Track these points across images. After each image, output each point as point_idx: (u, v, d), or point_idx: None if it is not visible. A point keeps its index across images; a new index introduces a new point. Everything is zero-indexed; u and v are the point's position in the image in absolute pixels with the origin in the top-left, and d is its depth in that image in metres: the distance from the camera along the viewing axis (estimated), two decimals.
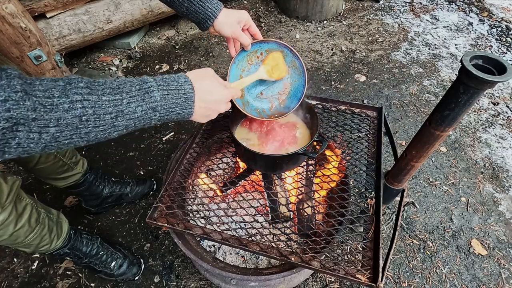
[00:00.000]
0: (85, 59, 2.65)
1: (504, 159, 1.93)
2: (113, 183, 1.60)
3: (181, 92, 0.64)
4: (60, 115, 0.49)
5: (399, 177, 1.06)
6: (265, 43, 1.01)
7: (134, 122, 0.59)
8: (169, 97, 0.62)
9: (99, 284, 1.42)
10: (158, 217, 0.98)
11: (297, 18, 3.13)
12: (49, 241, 1.16)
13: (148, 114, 0.60)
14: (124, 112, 0.56)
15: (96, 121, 0.53)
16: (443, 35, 2.93)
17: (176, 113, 0.65)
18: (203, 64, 2.63)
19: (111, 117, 0.55)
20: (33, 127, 0.47)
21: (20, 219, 1.02)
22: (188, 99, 0.65)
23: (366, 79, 2.48)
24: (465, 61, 0.67)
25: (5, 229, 0.98)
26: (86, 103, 0.52)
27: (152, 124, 0.63)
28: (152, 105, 0.60)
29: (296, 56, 1.02)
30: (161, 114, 0.62)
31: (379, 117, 1.25)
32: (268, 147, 1.06)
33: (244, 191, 1.19)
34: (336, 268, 0.86)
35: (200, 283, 1.42)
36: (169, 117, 0.64)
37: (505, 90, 2.42)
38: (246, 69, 1.05)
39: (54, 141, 0.50)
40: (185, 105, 0.65)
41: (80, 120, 0.51)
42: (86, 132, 0.53)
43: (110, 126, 0.55)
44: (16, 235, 1.02)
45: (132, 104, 0.57)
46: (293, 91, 1.08)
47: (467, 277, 1.45)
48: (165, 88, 0.62)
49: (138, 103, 0.58)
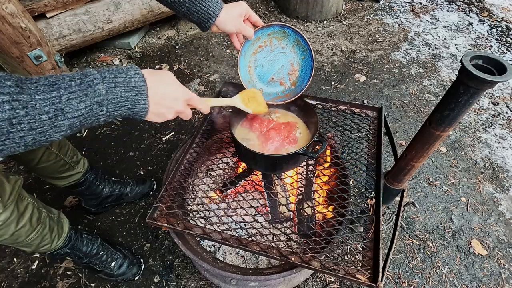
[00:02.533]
0: (85, 59, 2.65)
1: (504, 159, 1.93)
2: (113, 183, 1.60)
3: (130, 84, 0.58)
4: None
5: (399, 177, 1.06)
6: (266, 28, 1.03)
7: (78, 121, 0.53)
8: (117, 90, 0.56)
9: (99, 284, 1.42)
10: (158, 217, 0.98)
11: (297, 18, 3.13)
12: (49, 240, 1.17)
13: (94, 110, 0.54)
14: (64, 110, 0.50)
15: (31, 123, 0.47)
16: (443, 35, 2.93)
17: (127, 108, 0.59)
18: (203, 64, 2.63)
19: (49, 117, 0.49)
20: None
21: (21, 218, 1.02)
22: (140, 93, 0.59)
23: (366, 79, 2.48)
24: (465, 61, 0.67)
25: (6, 228, 0.98)
26: (16, 104, 0.46)
27: (101, 121, 0.57)
28: (97, 100, 0.54)
29: (299, 34, 1.04)
30: (109, 109, 0.56)
31: (379, 117, 1.25)
32: (268, 147, 1.06)
33: (244, 191, 1.19)
34: (336, 268, 0.86)
35: (200, 283, 1.42)
36: (119, 112, 0.58)
37: (505, 90, 2.42)
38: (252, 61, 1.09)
39: None
40: (137, 99, 0.59)
41: (11, 123, 0.45)
42: (20, 136, 0.47)
43: (49, 127, 0.50)
44: (17, 235, 1.02)
45: (73, 100, 0.51)
46: (302, 69, 1.11)
47: (467, 277, 1.45)
48: (111, 81, 0.56)
49: (81, 98, 0.52)
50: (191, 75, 2.54)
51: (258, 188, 1.20)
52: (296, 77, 1.12)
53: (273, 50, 1.09)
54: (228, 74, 2.53)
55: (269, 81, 1.13)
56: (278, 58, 1.10)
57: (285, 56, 1.10)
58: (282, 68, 1.12)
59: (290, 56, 1.10)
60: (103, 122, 0.58)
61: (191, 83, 2.46)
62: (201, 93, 2.37)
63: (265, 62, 1.11)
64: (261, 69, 1.12)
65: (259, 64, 1.11)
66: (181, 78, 2.51)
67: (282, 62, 1.11)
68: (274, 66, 1.11)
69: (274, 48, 1.09)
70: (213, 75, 2.53)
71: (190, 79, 2.50)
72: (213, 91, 2.38)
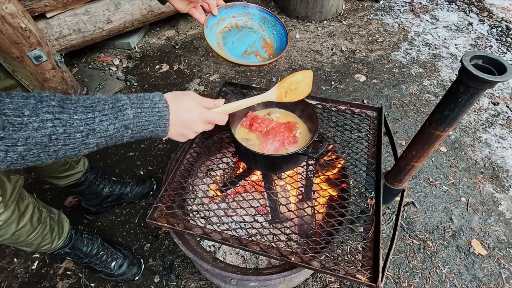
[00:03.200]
0: (85, 59, 2.65)
1: (504, 159, 1.93)
2: (113, 183, 1.60)
3: (154, 110, 0.64)
4: (29, 134, 0.48)
5: (399, 177, 1.06)
6: (229, 8, 1.01)
7: (105, 140, 0.58)
8: (142, 115, 0.62)
9: (99, 284, 1.42)
10: (158, 217, 0.98)
11: (297, 18, 3.13)
12: (50, 240, 1.17)
13: (120, 131, 0.60)
14: (95, 130, 0.56)
15: (66, 139, 0.53)
16: (443, 35, 2.93)
17: (149, 130, 0.64)
18: (203, 64, 2.63)
19: (82, 136, 0.54)
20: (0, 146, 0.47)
21: (22, 218, 1.02)
22: (162, 117, 0.65)
23: (366, 79, 2.48)
24: (465, 61, 0.67)
25: (7, 228, 0.98)
26: (57, 122, 0.51)
27: (124, 141, 0.63)
28: (124, 123, 0.59)
29: (264, 11, 1.03)
30: (133, 132, 0.62)
31: (379, 117, 1.25)
32: (268, 147, 1.06)
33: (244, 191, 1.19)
34: (336, 268, 0.86)
35: (200, 283, 1.42)
36: (142, 134, 0.64)
37: (505, 90, 2.42)
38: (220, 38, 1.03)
39: (20, 159, 0.50)
40: (158, 123, 0.65)
41: (50, 138, 0.51)
42: (54, 150, 0.52)
43: (80, 144, 0.55)
44: (18, 234, 1.02)
45: (104, 122, 0.57)
46: (277, 42, 1.07)
47: (467, 277, 1.45)
48: (138, 106, 0.62)
49: (111, 121, 0.58)
50: (191, 75, 2.54)
51: (258, 188, 1.20)
52: (272, 49, 1.06)
53: (241, 30, 1.05)
54: (228, 74, 2.53)
55: (244, 54, 1.06)
56: (248, 36, 1.06)
57: (254, 33, 1.07)
58: (254, 43, 1.06)
59: (260, 33, 1.06)
60: (125, 142, 0.64)
61: (191, 83, 2.46)
62: (201, 93, 2.37)
63: (235, 39, 1.05)
64: (231, 45, 1.05)
65: (228, 41, 1.05)
66: (181, 78, 2.51)
67: (253, 38, 1.06)
68: (246, 42, 1.06)
69: (241, 29, 1.05)
70: (213, 75, 2.53)
71: (190, 79, 2.50)
72: (213, 91, 2.38)
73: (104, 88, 2.37)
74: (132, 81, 2.45)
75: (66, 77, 2.13)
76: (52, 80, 2.03)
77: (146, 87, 2.42)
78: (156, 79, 2.50)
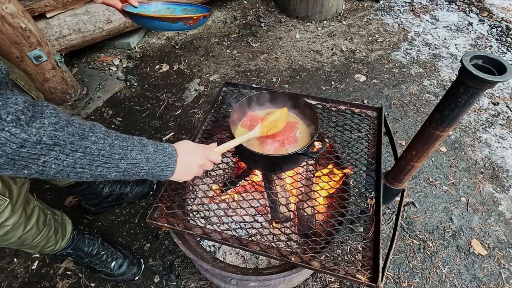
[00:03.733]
0: (85, 59, 2.65)
1: (504, 159, 1.93)
2: (113, 183, 1.60)
3: (166, 152, 0.77)
4: (88, 144, 0.59)
5: (399, 177, 1.06)
6: (148, 4, 1.01)
7: (131, 167, 0.68)
8: (158, 154, 0.74)
9: (99, 284, 1.42)
10: (158, 217, 0.98)
11: (297, 18, 3.13)
12: (54, 242, 1.17)
13: (143, 162, 0.70)
14: (127, 156, 0.66)
15: (108, 157, 0.63)
16: (443, 35, 2.93)
17: (161, 169, 0.75)
18: (203, 64, 2.63)
19: (118, 158, 0.65)
20: (66, 149, 0.55)
21: (28, 221, 1.03)
22: (172, 158, 0.78)
23: (366, 79, 2.48)
24: (465, 61, 0.67)
25: (14, 232, 0.98)
26: (106, 141, 0.63)
27: (139, 175, 0.72)
28: (147, 156, 0.71)
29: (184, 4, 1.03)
30: (150, 166, 0.72)
31: (379, 117, 1.25)
32: (268, 147, 1.06)
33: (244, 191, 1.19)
34: (336, 268, 0.86)
35: (200, 283, 1.42)
36: (155, 171, 0.74)
37: (505, 90, 2.42)
38: None
39: (71, 167, 0.58)
40: (168, 163, 0.77)
41: (99, 153, 0.61)
42: (97, 165, 0.62)
43: (114, 165, 0.65)
44: (24, 238, 1.02)
45: (134, 151, 0.68)
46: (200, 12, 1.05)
47: (467, 277, 1.45)
48: (155, 146, 0.75)
49: (138, 151, 0.69)
50: (191, 75, 2.54)
51: (258, 188, 1.20)
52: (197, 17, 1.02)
53: None
54: (228, 74, 2.53)
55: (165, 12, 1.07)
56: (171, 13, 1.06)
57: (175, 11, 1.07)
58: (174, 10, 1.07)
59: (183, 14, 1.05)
60: (138, 177, 0.73)
61: (191, 83, 2.46)
62: (201, 93, 2.37)
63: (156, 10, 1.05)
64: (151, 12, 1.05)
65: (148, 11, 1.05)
66: (181, 78, 2.51)
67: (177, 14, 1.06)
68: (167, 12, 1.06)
69: None
70: (213, 75, 2.53)
71: (190, 79, 2.50)
72: (213, 91, 2.38)
73: (104, 88, 2.37)
74: (132, 81, 2.45)
75: (66, 77, 2.13)
76: (52, 80, 2.03)
77: (146, 87, 2.42)
78: (156, 79, 2.50)
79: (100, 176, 0.64)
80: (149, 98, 2.33)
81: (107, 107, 2.24)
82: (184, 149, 0.83)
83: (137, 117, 2.18)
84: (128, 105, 2.27)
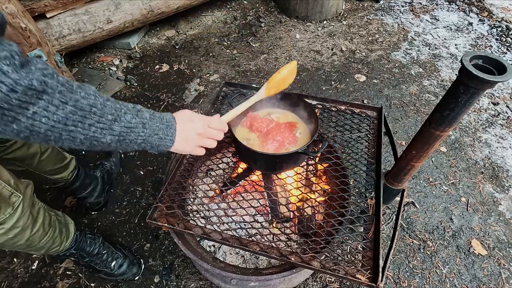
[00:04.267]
0: (85, 59, 2.65)
1: (504, 159, 1.93)
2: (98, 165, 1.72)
3: (164, 120, 0.74)
4: (78, 98, 0.57)
5: (399, 177, 1.06)
6: None
7: (126, 132, 0.65)
8: (154, 121, 0.71)
9: (99, 284, 1.42)
10: (158, 217, 0.98)
11: (297, 18, 3.13)
12: (59, 243, 1.18)
13: (139, 127, 0.67)
14: (121, 118, 0.63)
15: (100, 116, 0.60)
16: (443, 35, 2.93)
17: (158, 137, 0.72)
18: (203, 64, 2.63)
19: (112, 118, 0.62)
20: (55, 99, 0.53)
21: (35, 223, 1.03)
22: (170, 127, 0.74)
23: (366, 79, 2.48)
24: (465, 61, 0.67)
25: (22, 234, 0.98)
26: (97, 100, 0.60)
27: (137, 144, 0.69)
28: (142, 121, 0.68)
29: None
30: (147, 133, 0.69)
31: (379, 117, 1.25)
32: (268, 147, 1.06)
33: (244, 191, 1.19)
34: (336, 268, 0.86)
35: (200, 283, 1.42)
36: (153, 139, 0.71)
37: (505, 90, 2.42)
38: None
39: (63, 123, 0.55)
40: (166, 131, 0.73)
41: (91, 109, 0.58)
42: (90, 124, 0.58)
43: (108, 127, 0.61)
44: (31, 240, 1.02)
45: (128, 114, 0.65)
46: None
47: (467, 277, 1.45)
48: (151, 113, 0.72)
49: (133, 115, 0.66)
50: (191, 75, 2.54)
51: (258, 188, 1.20)
52: None
53: None
54: (228, 74, 2.53)
55: None
56: None
57: None
58: None
59: None
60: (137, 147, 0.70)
61: (191, 83, 2.46)
62: (201, 93, 2.37)
63: None
64: None
65: None
66: (181, 78, 2.51)
67: None
68: None
69: None
70: (213, 75, 2.53)
71: (190, 79, 2.50)
72: (213, 91, 2.38)
73: (104, 88, 2.36)
74: (132, 81, 2.45)
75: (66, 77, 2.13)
76: None
77: (146, 87, 2.42)
78: (156, 79, 2.50)
79: (95, 139, 0.61)
80: (149, 98, 2.33)
81: None
82: (183, 117, 0.79)
83: None
84: None
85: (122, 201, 1.72)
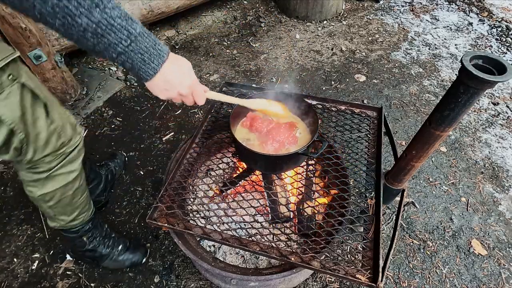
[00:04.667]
0: (85, 59, 2.65)
1: (504, 159, 1.93)
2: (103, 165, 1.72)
3: (157, 46, 0.64)
4: None
5: (399, 177, 1.06)
6: None
7: (106, 26, 0.56)
8: (145, 40, 0.62)
9: (99, 284, 1.42)
10: (158, 217, 0.98)
11: (297, 18, 3.13)
12: (88, 207, 1.23)
13: (122, 32, 0.58)
14: (105, 9, 0.55)
15: None
16: (443, 35, 2.93)
17: (142, 59, 0.63)
18: (203, 64, 2.63)
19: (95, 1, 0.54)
20: None
21: (82, 174, 1.09)
22: (160, 56, 0.65)
23: (366, 79, 2.48)
24: (465, 61, 0.67)
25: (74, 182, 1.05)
26: None
27: (116, 52, 0.60)
28: (130, 29, 0.59)
29: None
30: (130, 46, 0.60)
31: (379, 117, 1.25)
32: (268, 147, 1.06)
33: (244, 191, 1.19)
34: (336, 268, 0.86)
35: (200, 283, 1.42)
36: (135, 58, 0.62)
37: (505, 90, 2.42)
38: None
39: None
40: (153, 59, 0.64)
41: None
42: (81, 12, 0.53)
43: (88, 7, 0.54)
44: (77, 192, 1.09)
45: (115, 11, 0.57)
46: None
47: (467, 277, 1.45)
48: (144, 30, 0.62)
49: (122, 18, 0.58)
50: None
51: (258, 188, 1.20)
52: None
53: None
54: (228, 74, 2.53)
55: None
56: None
57: None
58: None
59: None
60: (116, 56, 0.61)
61: None
62: None
63: None
64: None
65: None
66: None
67: None
68: None
69: None
70: (213, 75, 2.53)
71: None
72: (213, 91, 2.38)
73: (104, 88, 2.37)
74: (132, 81, 2.45)
75: (66, 77, 2.13)
76: (52, 80, 2.03)
77: (146, 87, 2.42)
78: None
79: (68, 14, 0.53)
80: (149, 98, 2.33)
81: (107, 107, 2.24)
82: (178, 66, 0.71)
83: (137, 117, 2.18)
84: (128, 105, 2.27)
85: (122, 201, 1.72)
